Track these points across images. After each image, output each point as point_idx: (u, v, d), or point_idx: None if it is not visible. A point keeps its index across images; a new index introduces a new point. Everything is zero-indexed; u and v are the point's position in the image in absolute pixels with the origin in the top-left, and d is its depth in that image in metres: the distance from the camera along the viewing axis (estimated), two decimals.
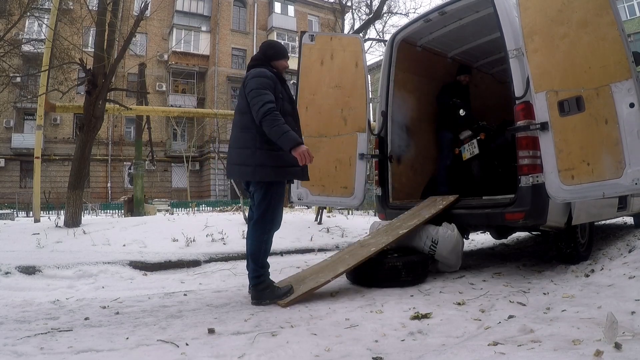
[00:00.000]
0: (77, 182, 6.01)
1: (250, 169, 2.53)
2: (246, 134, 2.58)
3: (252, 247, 2.65)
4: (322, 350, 1.74)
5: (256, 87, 2.51)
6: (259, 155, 2.52)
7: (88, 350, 1.76)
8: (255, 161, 2.52)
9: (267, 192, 2.60)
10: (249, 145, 2.55)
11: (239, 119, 2.67)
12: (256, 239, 2.64)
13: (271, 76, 2.60)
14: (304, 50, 4.20)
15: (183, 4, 24.71)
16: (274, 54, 2.75)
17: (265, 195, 2.61)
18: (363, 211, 10.18)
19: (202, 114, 17.26)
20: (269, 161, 2.53)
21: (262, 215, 2.62)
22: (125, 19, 13.23)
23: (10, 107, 18.87)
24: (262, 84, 2.52)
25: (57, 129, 22.35)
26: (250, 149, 2.54)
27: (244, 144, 2.58)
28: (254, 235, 2.65)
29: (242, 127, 2.61)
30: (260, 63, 2.69)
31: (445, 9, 3.90)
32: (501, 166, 4.27)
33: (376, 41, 17.38)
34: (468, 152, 4.30)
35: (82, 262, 3.78)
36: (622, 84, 2.46)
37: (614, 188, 2.54)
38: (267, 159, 2.53)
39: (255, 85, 2.52)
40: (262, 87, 2.51)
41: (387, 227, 3.55)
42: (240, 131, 2.63)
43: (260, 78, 2.55)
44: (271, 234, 2.68)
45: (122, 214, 13.35)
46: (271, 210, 2.63)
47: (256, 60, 2.74)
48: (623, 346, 1.40)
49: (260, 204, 2.63)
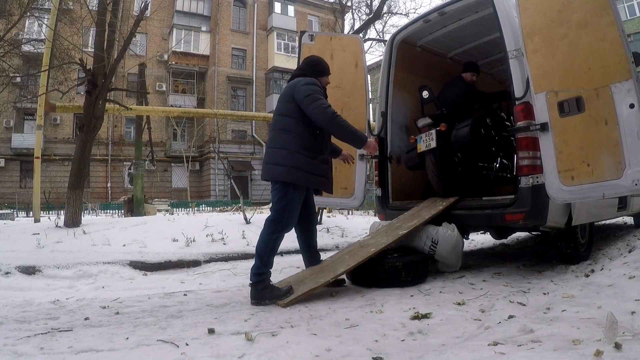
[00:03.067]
0: (77, 182, 6.01)
1: (285, 169, 2.65)
2: (286, 136, 2.70)
3: (260, 243, 2.71)
4: (322, 350, 1.74)
5: (312, 92, 2.66)
6: (296, 159, 2.65)
7: (88, 350, 1.76)
8: (291, 162, 2.64)
9: (287, 193, 2.69)
10: (286, 146, 2.68)
11: (280, 121, 2.78)
12: (266, 236, 2.70)
13: (321, 87, 2.80)
14: (304, 50, 4.20)
15: (183, 4, 24.71)
16: (321, 70, 2.93)
17: (284, 195, 2.69)
18: (363, 211, 10.17)
19: (202, 114, 17.29)
20: (304, 166, 2.66)
21: (277, 215, 2.71)
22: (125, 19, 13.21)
23: (10, 107, 18.86)
24: (317, 91, 2.69)
25: (57, 129, 22.34)
26: (287, 150, 2.67)
27: (281, 145, 2.70)
28: (265, 232, 2.72)
29: (282, 129, 2.73)
30: (308, 74, 2.84)
31: (445, 9, 3.90)
32: (463, 164, 3.83)
33: (376, 41, 17.41)
34: (424, 143, 3.75)
35: (82, 262, 3.78)
36: (622, 85, 2.46)
37: (614, 189, 2.53)
38: (303, 163, 2.66)
39: (310, 91, 2.67)
40: (317, 93, 2.68)
41: (387, 227, 3.55)
42: (279, 132, 2.75)
43: (314, 86, 2.72)
44: (281, 234, 2.73)
45: (122, 214, 13.35)
46: (288, 212, 2.71)
47: (302, 70, 2.90)
48: (623, 346, 1.40)
49: (278, 202, 2.71)
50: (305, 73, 2.86)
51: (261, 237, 2.72)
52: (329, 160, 2.91)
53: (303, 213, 2.94)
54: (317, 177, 2.76)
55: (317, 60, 2.97)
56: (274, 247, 2.72)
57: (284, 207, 2.71)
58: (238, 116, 18.79)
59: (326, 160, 2.86)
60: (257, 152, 24.60)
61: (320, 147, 2.79)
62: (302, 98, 2.66)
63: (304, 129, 2.70)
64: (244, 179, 23.78)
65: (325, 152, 2.85)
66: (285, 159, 2.66)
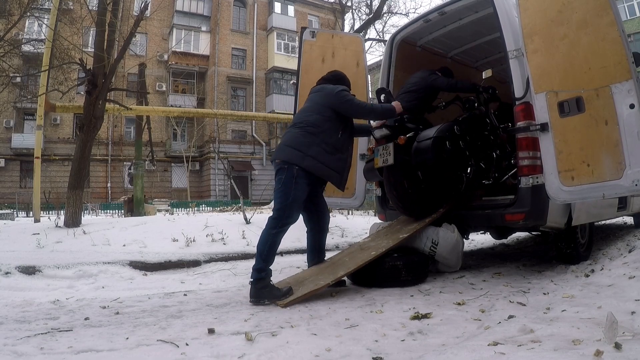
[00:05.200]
0: (77, 182, 6.01)
1: (301, 155, 2.79)
2: (312, 130, 2.87)
3: (260, 238, 2.76)
4: (322, 350, 1.74)
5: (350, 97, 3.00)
6: (316, 150, 2.82)
7: (88, 350, 1.76)
8: (309, 151, 2.81)
9: (292, 180, 2.76)
10: (309, 138, 2.85)
11: (308, 117, 2.94)
12: (266, 231, 2.76)
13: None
14: (305, 46, 4.17)
15: (183, 4, 24.70)
16: (347, 84, 3.19)
17: (289, 183, 2.76)
18: (363, 211, 10.17)
19: (202, 114, 17.28)
20: (321, 157, 2.83)
21: (278, 209, 2.76)
22: (125, 19, 13.23)
23: (10, 107, 18.90)
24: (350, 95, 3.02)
25: (57, 129, 22.33)
26: (308, 139, 2.84)
27: (305, 135, 2.86)
28: (266, 227, 2.77)
29: (310, 123, 2.89)
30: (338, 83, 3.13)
31: (445, 9, 3.90)
32: (428, 181, 3.42)
33: (376, 41, 17.41)
34: (381, 158, 3.31)
35: (82, 262, 3.78)
36: (622, 85, 2.46)
37: (614, 189, 2.53)
38: (321, 155, 2.83)
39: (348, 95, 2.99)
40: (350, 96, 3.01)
41: (388, 229, 3.55)
42: (305, 125, 2.90)
43: (348, 92, 3.04)
44: (281, 230, 2.77)
45: (122, 214, 13.34)
46: (289, 206, 2.76)
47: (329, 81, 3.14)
48: (623, 346, 1.40)
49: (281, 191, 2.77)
50: (334, 82, 3.13)
51: (262, 234, 2.77)
52: (347, 160, 3.03)
53: (314, 210, 3.09)
54: (331, 170, 2.90)
55: (344, 76, 3.25)
56: (273, 243, 2.74)
57: (285, 202, 2.74)
58: (238, 116, 18.79)
59: (344, 159, 3.00)
60: (257, 152, 24.61)
61: (341, 146, 2.95)
62: (341, 102, 2.95)
63: (330, 127, 2.91)
64: (244, 179, 23.77)
65: (345, 152, 3.00)
66: (304, 146, 2.81)
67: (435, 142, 3.26)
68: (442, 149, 3.28)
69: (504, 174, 3.60)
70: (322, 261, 3.18)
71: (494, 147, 3.70)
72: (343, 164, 2.99)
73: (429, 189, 3.44)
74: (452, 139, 3.37)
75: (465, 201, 3.52)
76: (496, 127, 3.68)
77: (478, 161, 3.60)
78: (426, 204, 3.43)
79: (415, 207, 3.43)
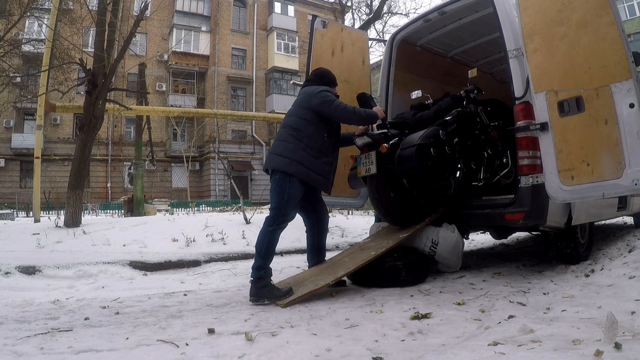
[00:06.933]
0: (77, 182, 6.02)
1: (288, 161, 2.81)
2: (295, 134, 2.88)
3: (258, 237, 2.79)
4: (322, 350, 1.74)
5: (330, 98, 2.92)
6: (301, 155, 2.82)
7: (88, 350, 1.76)
8: (295, 157, 2.81)
9: (284, 185, 2.79)
10: (294, 142, 2.85)
11: (292, 121, 2.95)
12: (264, 229, 2.78)
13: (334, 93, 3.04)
14: (316, 36, 4.08)
15: (183, 4, 24.69)
16: (331, 81, 3.14)
17: (281, 187, 2.80)
18: (363, 211, 10.17)
19: (202, 114, 17.29)
20: (306, 162, 2.83)
21: (274, 206, 2.80)
22: (125, 19, 13.21)
23: (10, 107, 18.87)
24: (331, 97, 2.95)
25: (57, 129, 22.32)
26: (293, 145, 2.85)
27: (290, 141, 2.87)
28: (263, 226, 2.80)
29: (293, 127, 2.91)
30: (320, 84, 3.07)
31: (445, 9, 3.90)
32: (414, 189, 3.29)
33: (376, 41, 17.37)
34: (364, 167, 3.19)
35: (82, 262, 3.78)
36: (622, 85, 2.46)
37: (614, 188, 2.53)
38: (306, 160, 2.83)
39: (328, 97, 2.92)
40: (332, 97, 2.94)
41: (388, 229, 3.55)
42: (290, 130, 2.92)
43: (330, 93, 2.97)
44: (278, 227, 2.79)
45: (122, 214, 13.35)
46: (284, 206, 2.79)
47: (313, 82, 3.10)
48: (623, 346, 1.40)
49: (274, 193, 2.82)
50: (316, 83, 3.07)
51: (259, 233, 2.80)
52: (332, 163, 3.02)
53: (312, 210, 3.10)
54: (318, 175, 2.89)
55: (327, 72, 3.17)
56: (271, 240, 2.76)
57: (281, 200, 2.78)
58: (238, 116, 18.80)
59: (330, 162, 2.98)
60: (257, 152, 24.60)
61: (326, 150, 2.94)
62: (321, 103, 2.89)
63: (314, 130, 2.89)
64: (244, 179, 23.77)
65: (330, 155, 2.98)
66: (290, 152, 2.82)
67: (419, 150, 3.05)
68: (427, 157, 3.09)
69: (496, 174, 3.54)
70: (322, 261, 3.18)
71: (485, 145, 3.58)
72: (329, 167, 2.97)
73: (416, 197, 3.31)
74: (437, 145, 3.18)
75: (456, 205, 3.44)
76: (487, 126, 3.64)
77: (468, 162, 3.45)
78: (413, 213, 3.31)
79: (402, 216, 3.31)
